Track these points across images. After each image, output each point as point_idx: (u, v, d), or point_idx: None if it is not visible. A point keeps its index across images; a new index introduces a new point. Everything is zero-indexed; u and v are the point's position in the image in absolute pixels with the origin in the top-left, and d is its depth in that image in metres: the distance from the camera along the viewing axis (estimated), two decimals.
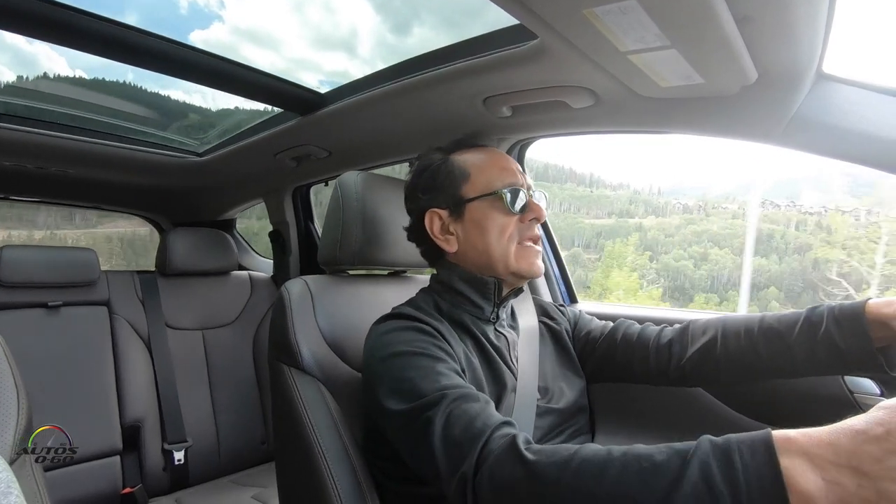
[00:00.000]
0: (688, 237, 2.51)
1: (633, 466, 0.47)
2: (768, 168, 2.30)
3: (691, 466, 0.43)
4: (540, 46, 0.84)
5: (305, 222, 2.11)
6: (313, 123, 1.38)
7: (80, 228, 3.74)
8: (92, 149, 1.62)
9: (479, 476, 0.55)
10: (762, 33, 0.69)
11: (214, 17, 1.36)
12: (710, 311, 1.36)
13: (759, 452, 0.42)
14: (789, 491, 0.39)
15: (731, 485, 0.41)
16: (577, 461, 0.50)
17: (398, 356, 0.72)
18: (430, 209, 0.88)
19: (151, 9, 1.07)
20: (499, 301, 0.86)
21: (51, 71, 1.41)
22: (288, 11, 1.36)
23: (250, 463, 1.88)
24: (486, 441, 0.57)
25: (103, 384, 1.63)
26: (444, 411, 0.62)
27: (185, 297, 1.94)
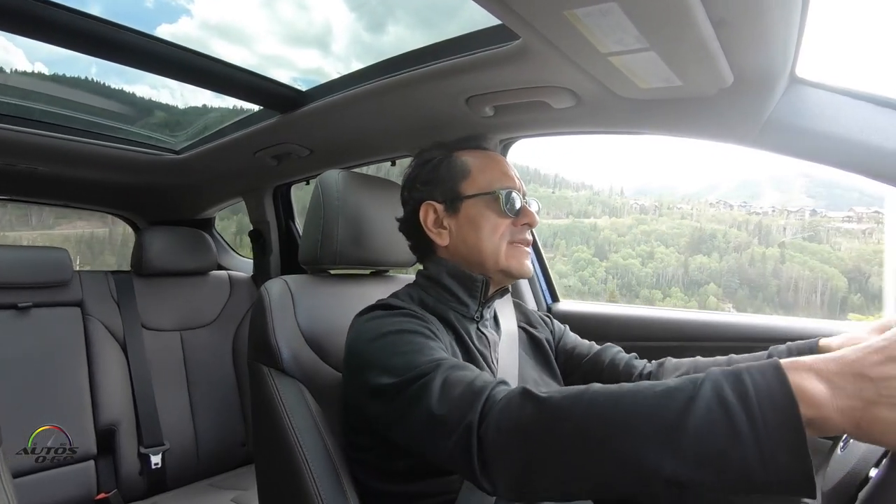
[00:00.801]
0: (637, 237, 2.59)
1: (646, 392, 0.48)
2: (734, 168, 2.39)
3: (704, 387, 0.45)
4: (522, 47, 0.85)
5: (286, 221, 2.09)
6: (294, 121, 1.36)
7: (37, 230, 3.62)
8: (63, 145, 1.57)
9: (485, 423, 0.54)
10: (738, 37, 0.70)
11: (182, 11, 1.33)
12: (687, 309, 1.40)
13: (768, 372, 0.44)
14: (798, 397, 0.41)
15: (742, 398, 0.43)
16: (590, 393, 0.51)
17: (388, 335, 0.72)
18: (427, 201, 0.88)
19: (114, 1, 1.04)
20: (484, 300, 0.87)
21: (7, 65, 1.36)
22: (258, 6, 1.34)
23: (230, 465, 1.85)
24: (490, 395, 0.56)
25: (76, 387, 1.59)
26: (440, 376, 0.62)
27: (162, 297, 1.89)
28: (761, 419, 0.42)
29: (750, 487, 0.42)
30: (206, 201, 2.24)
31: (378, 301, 0.83)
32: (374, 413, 0.70)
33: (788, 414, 0.41)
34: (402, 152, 1.49)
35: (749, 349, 0.86)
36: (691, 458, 0.43)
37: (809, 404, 0.42)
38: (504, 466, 0.53)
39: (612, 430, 0.47)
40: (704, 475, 0.43)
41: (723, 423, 0.43)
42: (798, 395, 0.42)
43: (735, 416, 0.42)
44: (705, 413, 0.44)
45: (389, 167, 1.60)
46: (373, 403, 0.69)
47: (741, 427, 0.42)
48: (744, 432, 0.42)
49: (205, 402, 1.85)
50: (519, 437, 0.52)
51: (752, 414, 0.42)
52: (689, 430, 0.44)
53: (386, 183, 1.09)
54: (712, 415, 0.43)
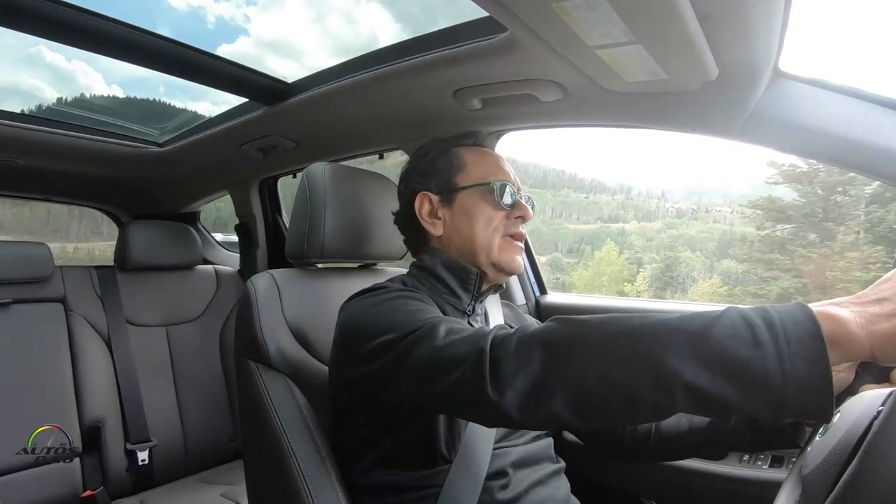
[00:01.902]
0: (665, 241, 2.64)
1: (674, 315, 0.50)
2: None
3: (729, 310, 0.47)
4: (510, 39, 0.85)
5: (273, 215, 2.07)
6: (280, 114, 1.35)
7: (107, 240, 3.52)
8: (42, 137, 1.53)
9: (500, 347, 0.55)
10: (722, 31, 0.71)
11: (240, 31, 1.33)
12: (682, 300, 1.41)
13: (791, 304, 0.46)
14: (820, 318, 0.43)
15: (764, 317, 0.45)
16: (617, 314, 0.52)
17: (388, 301, 0.73)
18: (422, 191, 0.89)
19: (180, 23, 1.03)
20: (477, 294, 0.87)
21: (88, 89, 1.35)
22: (309, 22, 1.32)
23: (218, 461, 1.84)
24: (499, 331, 0.57)
25: (60, 384, 1.56)
26: (445, 325, 0.63)
27: (147, 292, 1.87)
28: (783, 331, 0.43)
29: (768, 402, 0.43)
30: (190, 195, 2.21)
31: (372, 285, 0.83)
32: (368, 375, 0.68)
33: (809, 328, 0.43)
34: (389, 145, 1.48)
35: None
36: (713, 363, 0.44)
37: (831, 321, 0.44)
38: (520, 374, 0.52)
39: (637, 337, 0.49)
40: (724, 384, 0.44)
41: (745, 334, 0.44)
42: (820, 316, 0.43)
43: (757, 328, 0.44)
44: (729, 325, 0.45)
45: (377, 160, 1.60)
46: (368, 365, 0.68)
47: (762, 337, 0.44)
48: (765, 341, 0.43)
49: (192, 397, 1.83)
50: (541, 346, 0.53)
51: (775, 328, 0.44)
52: (712, 339, 0.45)
53: (373, 175, 1.08)
54: (736, 327, 0.45)
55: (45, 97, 1.36)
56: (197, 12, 15.85)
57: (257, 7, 4.41)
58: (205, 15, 14.25)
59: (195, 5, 18.07)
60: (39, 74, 1.35)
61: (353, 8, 13.09)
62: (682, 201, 3.31)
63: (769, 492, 0.53)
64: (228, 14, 16.37)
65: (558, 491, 0.82)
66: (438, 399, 0.61)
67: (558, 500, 0.81)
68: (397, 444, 0.75)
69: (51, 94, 1.36)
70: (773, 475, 1.03)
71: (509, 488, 0.75)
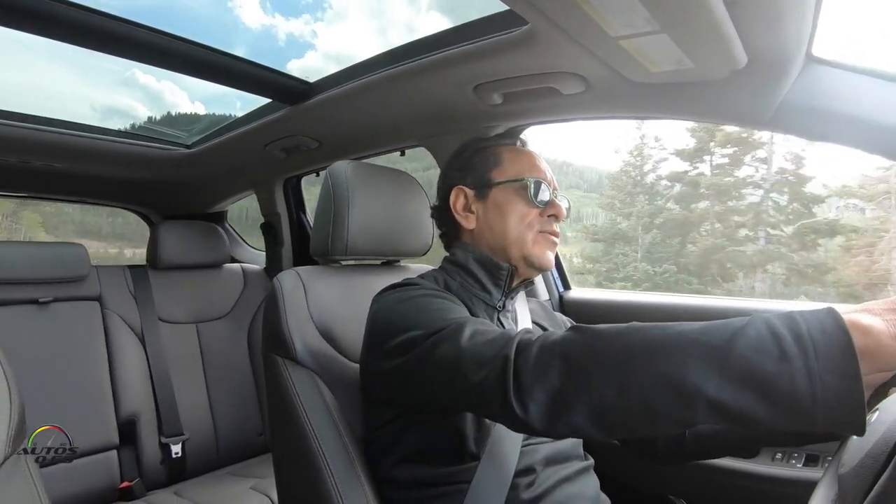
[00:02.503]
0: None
1: (695, 324, 0.48)
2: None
3: (754, 319, 0.45)
4: (530, 32, 0.84)
5: (297, 213, 2.10)
6: (302, 113, 1.37)
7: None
8: (77, 142, 1.59)
9: (523, 354, 0.54)
10: (751, 17, 0.69)
11: (308, 47, 1.37)
12: (705, 296, 1.38)
13: (819, 311, 0.44)
14: (851, 329, 0.41)
15: (793, 329, 0.43)
16: (635, 325, 0.51)
17: (417, 298, 0.73)
18: (457, 186, 0.90)
19: (255, 42, 1.07)
20: (508, 290, 0.87)
21: (174, 107, 1.42)
22: (372, 34, 1.35)
23: (248, 454, 1.89)
24: (524, 337, 0.57)
25: (97, 379, 1.63)
26: (471, 326, 0.62)
27: (178, 290, 1.92)
28: (811, 344, 0.41)
29: (796, 417, 0.41)
30: (218, 195, 2.26)
31: (402, 280, 0.84)
32: (396, 369, 0.69)
33: (840, 339, 0.41)
34: (410, 142, 1.49)
35: None
36: (737, 379, 0.43)
37: (863, 332, 0.41)
38: (541, 387, 0.52)
39: (657, 350, 0.47)
40: (749, 400, 0.42)
41: (772, 347, 0.42)
42: (850, 325, 0.41)
43: (784, 340, 0.42)
44: (754, 338, 0.43)
45: (398, 157, 1.60)
46: (396, 359, 0.69)
47: (790, 350, 0.41)
48: (793, 356, 0.41)
49: (222, 392, 1.88)
50: (560, 358, 0.52)
51: (803, 340, 0.41)
52: (736, 352, 0.43)
53: (395, 173, 1.09)
54: (761, 340, 0.43)
55: (139, 115, 1.44)
56: (269, 30, 17.51)
57: (324, 22, 4.55)
58: (276, 33, 15.43)
59: (267, 24, 19.82)
60: (134, 94, 1.43)
61: (414, 17, 13.49)
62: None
63: (803, 491, 0.52)
64: (297, 30, 17.74)
65: (587, 488, 0.81)
66: (462, 399, 0.61)
67: (587, 497, 0.80)
68: (426, 440, 0.75)
69: (143, 112, 1.43)
70: (807, 474, 1.00)
71: (537, 485, 0.75)
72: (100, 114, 1.91)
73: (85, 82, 2.45)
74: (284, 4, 26.46)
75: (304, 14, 28.99)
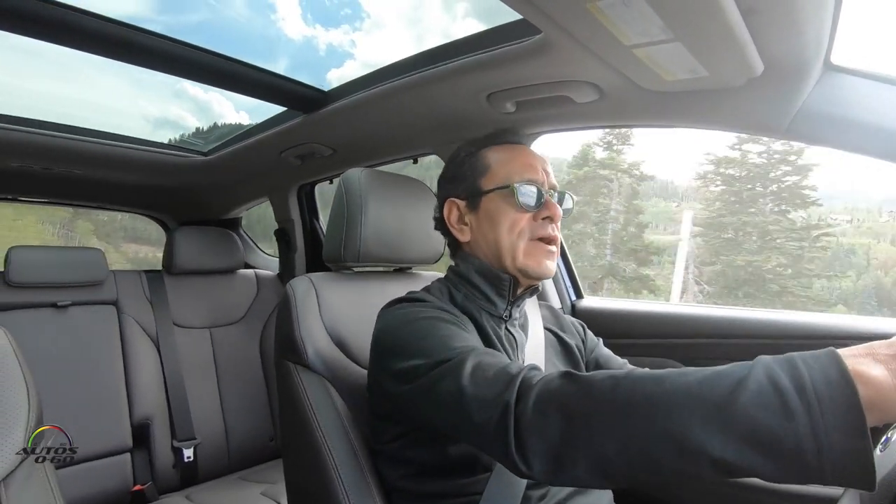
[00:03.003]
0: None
1: (693, 374, 0.46)
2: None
3: (755, 370, 0.44)
4: (543, 41, 0.84)
5: (310, 220, 2.12)
6: (317, 121, 1.38)
7: None
8: (97, 149, 1.63)
9: (523, 401, 0.53)
10: (768, 25, 0.68)
11: (347, 56, 1.40)
12: (718, 306, 1.36)
13: (822, 357, 0.42)
14: (856, 380, 0.40)
15: (796, 381, 0.41)
16: (635, 374, 0.49)
17: (422, 321, 0.72)
18: (450, 198, 0.88)
19: (297, 53, 1.11)
20: (513, 299, 0.85)
21: (220, 117, 1.49)
22: (410, 41, 1.37)
23: (259, 460, 1.89)
24: (525, 378, 0.55)
25: (113, 383, 1.65)
26: (473, 359, 0.61)
27: (193, 295, 1.95)
28: (816, 400, 0.40)
29: (803, 474, 0.40)
30: (233, 201, 2.29)
31: (409, 293, 0.83)
32: (401, 394, 0.69)
33: (845, 393, 0.39)
34: (423, 150, 1.49)
35: (784, 348, 0.84)
36: (740, 437, 0.41)
37: (868, 385, 0.40)
38: (541, 442, 0.51)
39: (657, 406, 0.46)
40: (754, 458, 0.41)
41: (775, 402, 0.41)
42: (856, 376, 0.40)
43: (788, 395, 0.41)
44: (756, 392, 0.42)
45: (411, 164, 1.61)
46: (401, 385, 0.68)
47: (794, 407, 0.40)
48: (797, 413, 0.40)
49: (234, 397, 1.90)
50: (559, 412, 0.51)
51: (807, 394, 0.40)
52: (738, 409, 0.42)
53: (408, 180, 1.09)
54: (764, 394, 0.42)
55: (188, 125, 1.50)
56: (311, 42, 18.50)
57: (362, 32, 4.76)
58: (317, 44, 16.27)
59: (308, 35, 20.75)
60: (184, 105, 1.49)
61: (450, 24, 13.89)
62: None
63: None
64: (337, 40, 18.64)
65: (600, 499, 0.80)
66: (465, 437, 0.60)
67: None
68: (438, 454, 0.74)
69: (192, 122, 1.50)
70: (827, 491, 0.98)
71: (549, 496, 0.74)
72: (152, 125, 2.04)
73: (140, 95, 2.59)
74: (324, 16, 27.57)
75: (344, 24, 30.04)
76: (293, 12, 11.30)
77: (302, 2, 14.34)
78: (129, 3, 0.96)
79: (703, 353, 1.20)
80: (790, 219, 7.89)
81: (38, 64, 1.91)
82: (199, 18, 3.26)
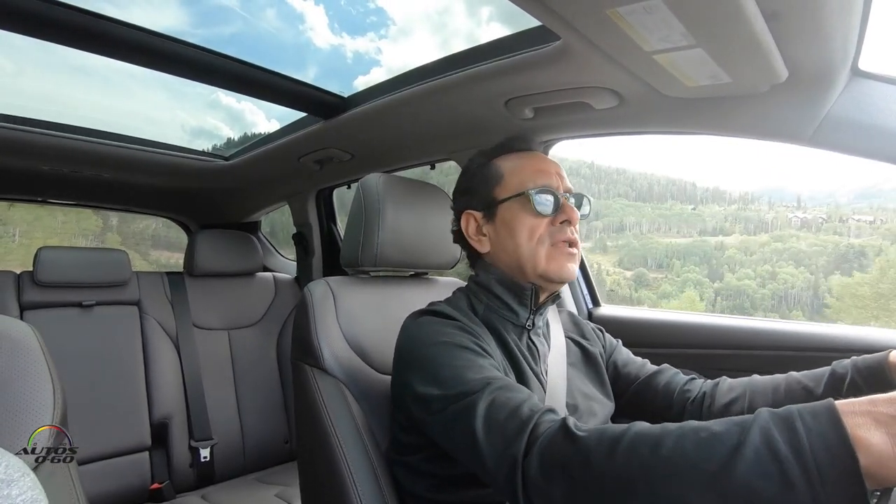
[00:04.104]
0: (767, 255, 2.46)
1: (689, 437, 0.46)
2: None
3: (752, 434, 0.42)
4: (562, 48, 0.84)
5: (328, 224, 2.14)
6: (336, 127, 1.40)
7: None
8: (123, 153, 1.67)
9: (528, 458, 0.54)
10: (792, 30, 0.67)
11: (373, 63, 1.44)
12: (737, 316, 1.33)
13: (822, 416, 0.41)
14: (856, 447, 0.38)
15: (794, 448, 0.40)
16: (631, 435, 0.49)
17: (441, 346, 0.71)
18: (466, 210, 0.88)
19: (325, 61, 1.14)
20: (535, 308, 0.84)
21: (252, 126, 1.54)
22: (435, 48, 1.39)
23: (274, 461, 1.91)
24: (535, 425, 0.56)
25: (134, 382, 1.68)
26: (487, 397, 0.61)
27: (212, 297, 1.98)
28: (816, 469, 0.39)
29: None
30: (253, 205, 2.33)
31: (430, 305, 0.83)
32: (419, 418, 0.70)
33: (846, 464, 0.38)
34: (441, 156, 1.50)
35: (806, 360, 0.81)
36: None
37: (868, 453, 0.39)
38: (542, 498, 0.52)
39: (655, 477, 0.45)
40: None
41: (773, 472, 0.40)
42: (856, 443, 0.39)
43: (787, 464, 0.40)
44: (754, 461, 0.41)
45: (429, 170, 1.62)
46: (418, 408, 0.70)
47: (793, 477, 0.39)
48: (797, 483, 0.39)
49: (251, 399, 1.92)
50: (562, 476, 0.51)
51: (806, 463, 0.39)
52: (736, 478, 0.41)
53: (425, 186, 1.10)
54: (762, 463, 0.41)
55: (223, 134, 1.55)
56: (338, 50, 19.25)
57: (388, 39, 4.85)
58: (344, 52, 17.02)
59: (336, 44, 21.43)
60: (218, 115, 1.55)
61: (475, 28, 14.22)
62: (817, 209, 2.99)
63: None
64: (363, 48, 19.31)
65: None
66: (480, 475, 0.61)
67: None
68: (455, 467, 0.73)
69: (226, 131, 1.55)
70: None
71: None
72: (189, 135, 2.14)
73: (178, 107, 2.70)
74: (351, 24, 28.32)
75: (370, 32, 30.74)
76: (321, 22, 12.01)
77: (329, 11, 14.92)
78: (169, 17, 1.01)
79: (723, 364, 1.17)
80: None
81: (85, 78, 2.00)
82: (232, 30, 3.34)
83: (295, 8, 5.91)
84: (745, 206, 2.74)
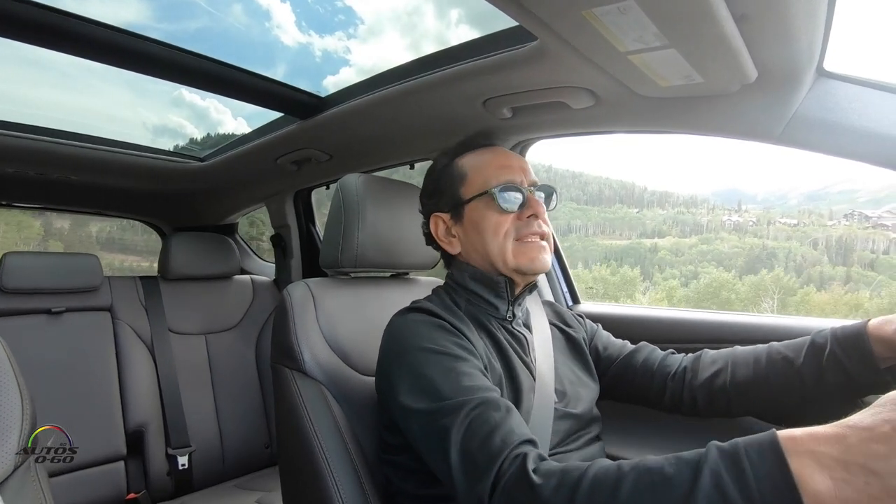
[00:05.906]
0: (693, 257, 2.61)
1: (644, 481, 0.47)
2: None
3: (702, 476, 0.44)
4: (540, 48, 0.85)
5: (307, 225, 2.12)
6: (314, 127, 1.38)
7: None
8: (93, 155, 1.62)
9: (493, 499, 0.55)
10: (761, 31, 0.69)
11: (342, 63, 1.40)
12: (717, 311, 1.36)
13: (767, 455, 0.43)
14: (802, 491, 0.40)
15: (743, 492, 0.42)
16: (588, 482, 0.50)
17: (419, 352, 0.71)
18: (434, 213, 0.89)
19: (294, 59, 1.11)
20: (513, 299, 0.86)
21: (221, 124, 1.49)
22: (404, 49, 1.37)
23: (254, 467, 1.88)
24: (503, 461, 0.56)
25: (107, 389, 1.63)
26: (462, 420, 0.62)
27: (188, 301, 1.94)
28: None
29: None
30: (229, 207, 2.29)
31: (414, 303, 0.83)
32: (402, 426, 0.71)
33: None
34: (420, 155, 1.50)
35: None
36: None
37: (814, 498, 0.40)
38: None
39: None
40: None
41: None
42: (801, 488, 0.40)
43: None
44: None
45: (408, 170, 1.61)
46: (400, 417, 0.70)
47: None
48: None
49: (229, 404, 1.88)
50: None
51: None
52: None
53: (405, 186, 1.09)
54: None
55: (186, 133, 1.51)
56: (306, 48, 19.38)
57: (357, 39, 4.79)
58: (313, 50, 16.92)
59: (304, 42, 21.58)
60: (182, 113, 1.49)
61: (444, 30, 14.40)
62: (752, 212, 3.15)
63: None
64: (332, 47, 19.33)
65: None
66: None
67: None
68: None
69: (191, 130, 1.50)
70: None
71: None
72: (151, 133, 2.05)
73: (140, 104, 2.60)
74: (318, 23, 28.07)
75: (338, 31, 30.80)
76: (287, 19, 11.84)
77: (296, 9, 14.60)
78: (129, 10, 0.97)
79: None
80: None
81: (40, 73, 1.93)
82: (197, 26, 3.26)
83: (261, 5, 5.78)
84: (687, 210, 2.90)
